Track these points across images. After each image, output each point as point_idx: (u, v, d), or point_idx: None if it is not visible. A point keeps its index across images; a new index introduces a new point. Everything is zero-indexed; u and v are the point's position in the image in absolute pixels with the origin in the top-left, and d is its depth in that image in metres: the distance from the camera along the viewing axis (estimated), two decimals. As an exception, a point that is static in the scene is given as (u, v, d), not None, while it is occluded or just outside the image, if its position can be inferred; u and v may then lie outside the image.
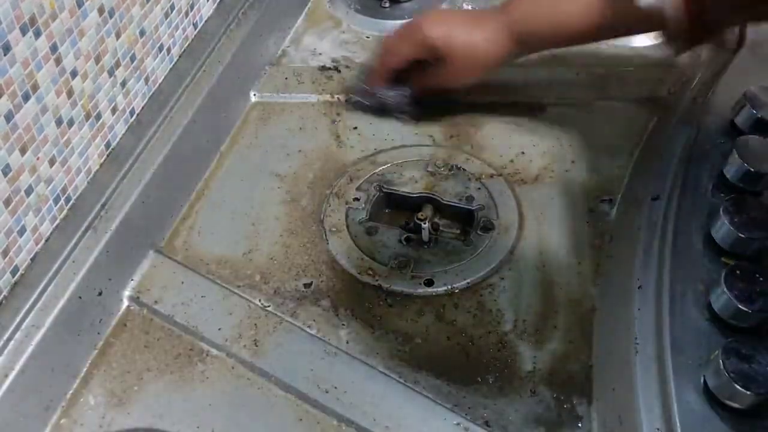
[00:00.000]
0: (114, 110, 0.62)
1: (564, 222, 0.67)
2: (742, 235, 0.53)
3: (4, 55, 0.48)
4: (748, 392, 0.45)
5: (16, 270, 0.55)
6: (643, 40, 0.81)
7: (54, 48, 0.53)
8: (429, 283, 0.62)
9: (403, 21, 0.84)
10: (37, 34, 0.51)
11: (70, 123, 0.57)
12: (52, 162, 0.56)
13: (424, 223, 0.65)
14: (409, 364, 0.57)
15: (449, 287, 0.62)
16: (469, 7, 0.89)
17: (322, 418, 0.55)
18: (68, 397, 0.56)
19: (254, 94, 0.79)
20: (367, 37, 0.86)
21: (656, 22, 0.57)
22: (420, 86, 0.71)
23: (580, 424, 0.54)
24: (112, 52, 0.60)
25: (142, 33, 0.64)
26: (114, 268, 0.60)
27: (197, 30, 0.74)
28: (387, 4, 0.89)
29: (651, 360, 0.50)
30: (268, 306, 0.61)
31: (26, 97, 0.51)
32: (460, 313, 0.61)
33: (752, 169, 0.57)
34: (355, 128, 0.76)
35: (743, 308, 0.49)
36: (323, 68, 0.81)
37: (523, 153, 0.72)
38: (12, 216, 0.53)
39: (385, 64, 0.70)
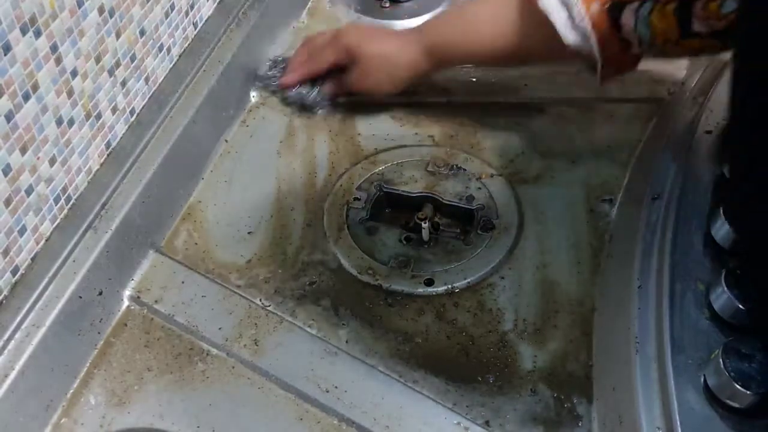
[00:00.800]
0: (114, 110, 0.62)
1: (564, 222, 0.66)
2: (742, 235, 0.53)
3: (5, 55, 0.48)
4: (748, 392, 0.45)
5: (17, 270, 0.55)
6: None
7: (54, 48, 0.53)
8: (429, 282, 0.62)
9: (399, 21, 0.87)
10: (38, 34, 0.51)
11: (71, 123, 0.57)
12: (52, 162, 0.56)
13: (424, 223, 0.65)
14: (409, 363, 0.58)
15: (449, 287, 0.62)
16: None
17: (322, 418, 0.55)
18: (68, 396, 0.56)
19: (254, 94, 0.79)
20: (367, 37, 0.86)
21: (576, 57, 0.62)
22: (336, 88, 0.76)
23: (580, 424, 0.54)
24: (112, 52, 0.60)
25: (142, 33, 0.64)
26: (114, 267, 0.60)
27: (197, 30, 0.74)
28: (387, 4, 0.89)
29: (651, 360, 0.50)
30: (269, 305, 0.61)
31: (26, 97, 0.51)
32: (460, 312, 0.61)
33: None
34: (356, 128, 0.76)
35: (743, 308, 0.49)
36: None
37: (523, 153, 0.72)
38: (12, 216, 0.53)
39: (309, 68, 0.76)
